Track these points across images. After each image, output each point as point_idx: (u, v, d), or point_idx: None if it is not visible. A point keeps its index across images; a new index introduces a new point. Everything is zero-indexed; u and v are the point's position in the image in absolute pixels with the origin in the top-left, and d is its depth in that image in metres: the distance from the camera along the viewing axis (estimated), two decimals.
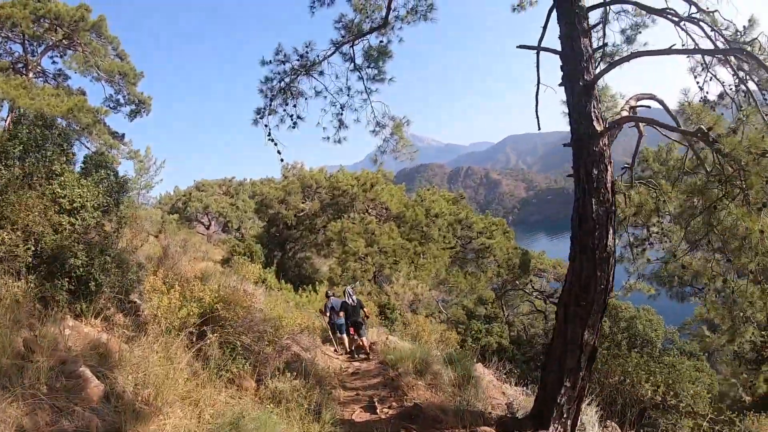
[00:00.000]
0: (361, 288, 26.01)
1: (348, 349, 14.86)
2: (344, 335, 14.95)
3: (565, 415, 7.52)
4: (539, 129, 10.81)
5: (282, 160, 10.52)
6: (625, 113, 8.69)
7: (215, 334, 7.62)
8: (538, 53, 9.62)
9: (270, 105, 10.44)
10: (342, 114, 11.37)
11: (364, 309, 15.12)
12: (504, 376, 15.35)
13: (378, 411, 9.18)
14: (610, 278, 7.32)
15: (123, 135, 27.64)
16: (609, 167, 7.44)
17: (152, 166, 29.98)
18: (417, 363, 11.22)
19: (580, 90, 7.58)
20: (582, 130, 7.46)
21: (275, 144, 10.31)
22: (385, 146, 11.88)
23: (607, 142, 7.56)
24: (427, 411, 8.47)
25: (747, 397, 22.63)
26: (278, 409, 7.04)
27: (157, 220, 33.31)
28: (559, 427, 7.54)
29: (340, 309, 14.87)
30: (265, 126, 10.38)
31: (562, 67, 7.93)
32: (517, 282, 35.70)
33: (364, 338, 14.50)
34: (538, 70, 10.06)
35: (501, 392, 13.47)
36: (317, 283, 25.07)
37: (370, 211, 32.64)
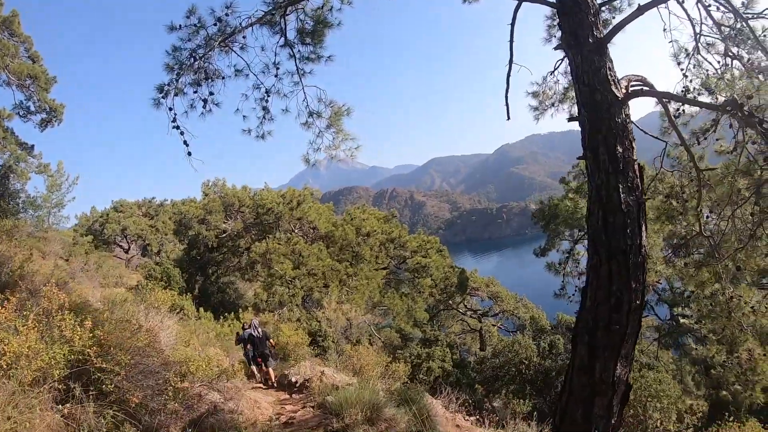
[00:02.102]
0: (290, 314, 23.78)
1: (258, 380, 14.78)
2: (253, 366, 14.99)
3: None
4: (508, 118, 9.34)
5: (189, 154, 7.96)
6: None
7: (89, 393, 5.17)
8: (513, 20, 7.92)
9: (176, 82, 8.05)
10: (267, 100, 9.19)
11: (270, 340, 15.24)
12: (456, 407, 13.84)
13: None
14: (644, 291, 5.44)
15: (33, 146, 24.75)
16: (634, 145, 5.62)
17: (64, 183, 27.28)
18: (366, 409, 9.02)
19: (591, 48, 5.87)
20: (599, 98, 5.66)
21: (182, 133, 7.93)
22: (319, 143, 9.79)
23: (630, 113, 5.75)
24: None
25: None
26: None
27: (68, 243, 31.05)
28: None
29: (247, 341, 14.84)
30: (170, 110, 7.97)
31: (560, 25, 6.33)
32: (450, 302, 34.24)
33: (270, 369, 14.53)
34: (511, 46, 8.48)
35: (455, 425, 11.81)
36: (241, 309, 22.53)
37: (296, 230, 30.35)
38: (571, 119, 6.12)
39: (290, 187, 32.30)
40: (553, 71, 10.24)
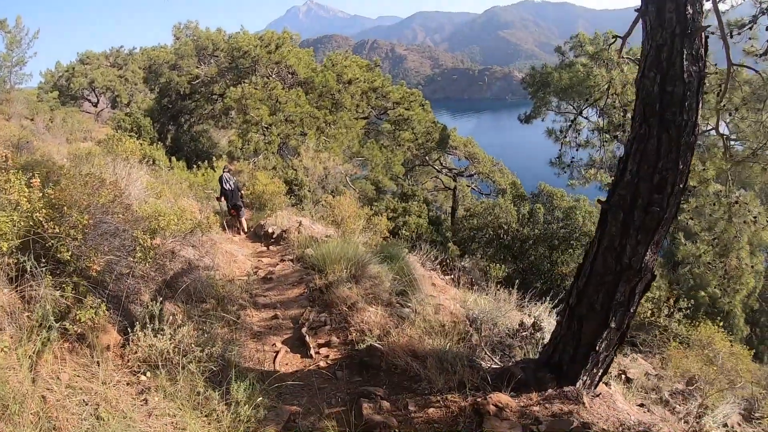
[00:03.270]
0: (265, 162, 23.02)
1: (235, 231, 14.95)
2: (227, 218, 15.31)
3: (598, 364, 5.19)
4: None
5: None
6: None
7: (43, 265, 4.42)
8: None
9: None
10: None
11: (242, 191, 15.66)
12: (432, 265, 13.65)
13: (311, 351, 6.52)
14: (688, 174, 4.73)
15: None
16: (703, 10, 4.62)
17: (24, 38, 25.99)
18: (350, 266, 8.55)
19: None
20: None
21: None
22: None
23: None
24: (391, 359, 5.86)
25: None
26: (156, 392, 4.19)
27: (32, 101, 29.99)
28: (587, 379, 5.23)
29: (220, 194, 15.17)
30: None
31: None
32: (426, 158, 33.63)
33: (242, 219, 15.10)
34: None
35: (431, 284, 11.47)
36: (215, 158, 21.63)
37: (274, 75, 28.55)
38: None
39: (269, 30, 30.04)
40: None
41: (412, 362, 5.72)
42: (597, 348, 5.02)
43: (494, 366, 5.98)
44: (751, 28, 7.87)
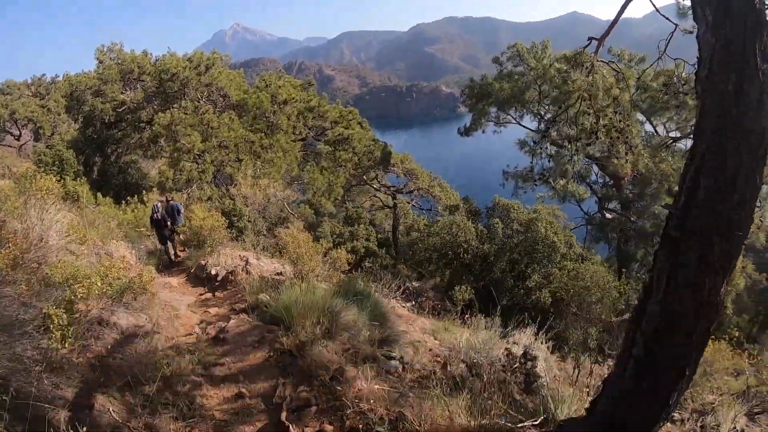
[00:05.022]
0: (200, 193, 21.53)
1: (174, 259, 15.31)
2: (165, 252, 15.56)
3: (667, 419, 4.23)
4: None
5: None
6: None
7: None
8: None
9: None
10: None
11: (167, 222, 15.44)
12: (394, 294, 12.72)
13: None
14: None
15: None
16: None
17: None
18: (321, 316, 7.24)
19: None
20: None
21: None
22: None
23: None
24: None
25: None
26: None
27: None
28: None
29: (152, 225, 15.50)
30: None
31: None
32: (364, 176, 32.61)
33: (170, 245, 15.32)
34: None
35: (396, 315, 10.43)
36: (144, 191, 19.92)
37: (205, 99, 26.97)
38: None
39: (198, 51, 28.43)
40: None
41: None
42: (670, 402, 4.02)
43: None
44: None
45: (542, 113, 29.44)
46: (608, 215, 29.20)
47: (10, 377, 3.85)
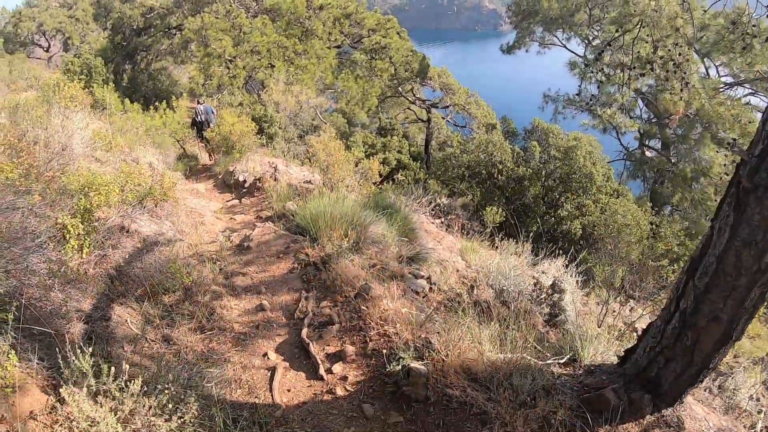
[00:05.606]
0: (231, 98, 21.07)
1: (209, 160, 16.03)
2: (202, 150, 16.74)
3: (703, 382, 3.92)
4: None
5: None
6: None
7: None
8: None
9: None
10: None
11: (210, 124, 15.93)
12: (424, 210, 12.60)
13: (321, 370, 4.72)
14: None
15: None
16: None
17: None
18: (348, 228, 6.98)
19: None
20: None
21: None
22: None
23: None
24: (442, 386, 4.13)
25: None
26: None
27: None
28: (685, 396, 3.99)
29: (192, 125, 16.60)
30: None
31: None
32: (399, 89, 31.63)
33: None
34: None
35: (424, 231, 10.08)
36: (174, 98, 19.59)
37: (237, 3, 26.07)
38: None
39: None
40: None
41: (473, 391, 4.07)
42: (711, 365, 3.70)
43: (563, 374, 4.48)
44: None
45: (590, 38, 27.92)
46: (648, 153, 28.01)
47: (22, 291, 3.67)
